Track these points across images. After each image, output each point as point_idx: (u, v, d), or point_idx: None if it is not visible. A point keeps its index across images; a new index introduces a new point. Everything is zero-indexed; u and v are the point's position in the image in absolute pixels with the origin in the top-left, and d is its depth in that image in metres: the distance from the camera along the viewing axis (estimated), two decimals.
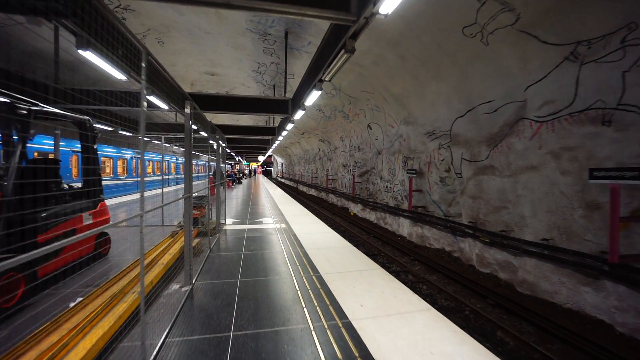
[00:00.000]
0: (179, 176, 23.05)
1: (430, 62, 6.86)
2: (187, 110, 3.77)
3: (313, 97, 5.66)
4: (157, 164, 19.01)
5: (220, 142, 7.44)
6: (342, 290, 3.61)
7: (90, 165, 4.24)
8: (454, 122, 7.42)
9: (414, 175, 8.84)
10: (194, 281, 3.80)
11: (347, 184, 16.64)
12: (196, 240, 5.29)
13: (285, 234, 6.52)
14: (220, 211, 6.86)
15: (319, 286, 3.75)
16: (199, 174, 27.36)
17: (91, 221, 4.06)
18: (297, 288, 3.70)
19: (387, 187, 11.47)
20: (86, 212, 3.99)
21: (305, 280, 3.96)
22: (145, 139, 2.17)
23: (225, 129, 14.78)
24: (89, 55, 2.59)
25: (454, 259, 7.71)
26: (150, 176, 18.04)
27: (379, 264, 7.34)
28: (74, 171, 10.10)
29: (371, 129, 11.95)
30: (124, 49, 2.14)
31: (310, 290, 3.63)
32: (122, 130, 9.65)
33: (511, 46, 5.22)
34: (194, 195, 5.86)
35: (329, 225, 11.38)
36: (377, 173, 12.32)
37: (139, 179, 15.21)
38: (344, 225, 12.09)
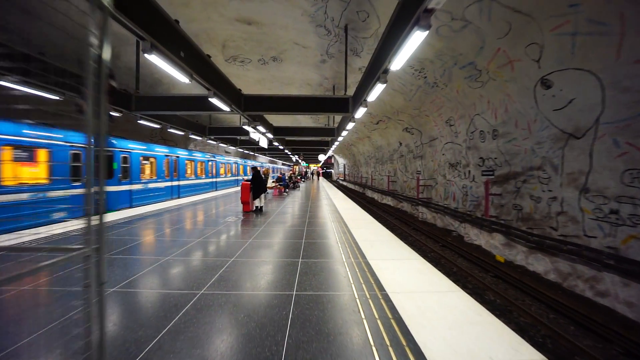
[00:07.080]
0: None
1: None
2: None
3: None
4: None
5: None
6: None
7: None
8: None
9: None
10: None
11: (456, 194, 10.42)
12: None
13: None
14: None
15: None
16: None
17: None
18: None
19: (605, 211, 5.10)
20: None
21: None
22: None
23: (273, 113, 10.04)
24: None
25: None
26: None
27: None
28: None
29: (548, 87, 5.72)
30: None
31: None
32: None
33: None
34: None
35: (476, 297, 4.47)
36: (563, 179, 5.97)
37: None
38: (503, 293, 5.93)
